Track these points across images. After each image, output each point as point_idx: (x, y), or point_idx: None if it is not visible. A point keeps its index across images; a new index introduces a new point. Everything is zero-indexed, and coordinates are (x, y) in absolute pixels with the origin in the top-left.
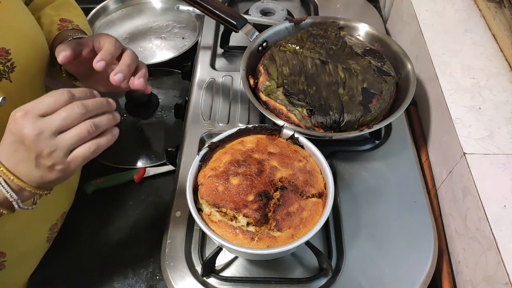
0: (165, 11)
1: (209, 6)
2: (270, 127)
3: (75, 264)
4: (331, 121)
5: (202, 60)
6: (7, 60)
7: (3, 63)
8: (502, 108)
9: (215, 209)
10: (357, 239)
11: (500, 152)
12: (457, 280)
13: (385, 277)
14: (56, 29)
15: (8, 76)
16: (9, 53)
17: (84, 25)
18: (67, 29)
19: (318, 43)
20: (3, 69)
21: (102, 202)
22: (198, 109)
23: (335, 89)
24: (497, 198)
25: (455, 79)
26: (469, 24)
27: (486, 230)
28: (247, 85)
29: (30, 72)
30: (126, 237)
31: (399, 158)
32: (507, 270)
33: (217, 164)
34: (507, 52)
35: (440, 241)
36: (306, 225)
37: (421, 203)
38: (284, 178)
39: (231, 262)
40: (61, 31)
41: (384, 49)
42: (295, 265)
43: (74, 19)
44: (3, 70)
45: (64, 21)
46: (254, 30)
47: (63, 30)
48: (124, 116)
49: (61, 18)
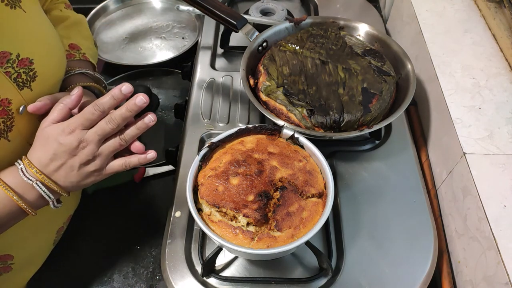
0: (165, 11)
1: (209, 6)
2: (270, 127)
3: (75, 264)
4: (331, 121)
5: (202, 60)
6: (30, 69)
7: (26, 73)
8: (502, 108)
9: (215, 209)
10: (357, 239)
11: (500, 152)
12: (457, 280)
13: (385, 277)
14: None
15: (29, 85)
16: (33, 63)
17: (90, 50)
18: (74, 59)
19: (318, 43)
20: (26, 78)
21: (102, 202)
22: (198, 109)
23: (335, 89)
24: (497, 198)
25: (455, 79)
26: (469, 24)
27: (486, 230)
28: (247, 85)
29: (50, 82)
30: (126, 237)
31: (399, 158)
32: (507, 270)
33: (217, 164)
34: (507, 52)
35: (440, 241)
36: (306, 225)
37: (421, 203)
38: (284, 178)
39: (231, 262)
40: (68, 60)
41: (384, 49)
42: (295, 265)
43: (83, 43)
44: (25, 79)
45: (73, 48)
46: (254, 30)
47: (70, 60)
48: None
49: (71, 43)
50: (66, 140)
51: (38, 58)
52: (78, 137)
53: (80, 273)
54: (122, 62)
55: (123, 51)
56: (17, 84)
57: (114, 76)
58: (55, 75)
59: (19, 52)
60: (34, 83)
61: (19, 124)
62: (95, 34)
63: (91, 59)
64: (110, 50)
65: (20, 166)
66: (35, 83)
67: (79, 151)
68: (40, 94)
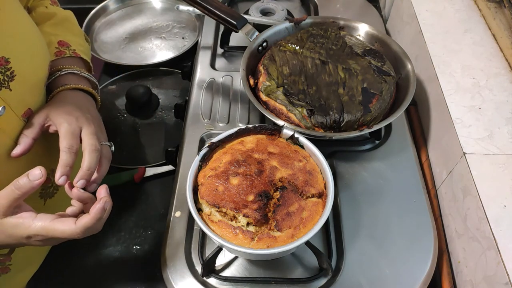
0: (165, 11)
1: (209, 6)
2: (270, 127)
3: (74, 264)
4: (331, 121)
5: (202, 60)
6: (6, 69)
7: (3, 72)
8: (502, 108)
9: (215, 209)
10: (357, 239)
11: (500, 152)
12: (457, 280)
13: (385, 277)
14: (53, 53)
15: (7, 85)
16: (9, 62)
17: (81, 46)
18: (64, 56)
19: (318, 43)
20: (3, 78)
21: None
22: (198, 109)
23: (335, 89)
24: (497, 198)
25: (455, 79)
26: (469, 24)
27: (486, 230)
28: (247, 85)
29: (30, 81)
30: (126, 237)
31: (399, 158)
32: (507, 270)
33: (217, 164)
34: (507, 52)
35: (440, 241)
36: (306, 225)
37: (421, 203)
38: (284, 178)
39: (231, 262)
40: (58, 58)
41: (384, 49)
42: (295, 265)
43: (73, 40)
44: (2, 79)
45: (62, 45)
46: (254, 30)
47: (60, 57)
48: (124, 116)
49: (60, 40)
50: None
51: (16, 57)
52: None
53: (80, 274)
54: (122, 62)
55: (123, 51)
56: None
57: (114, 76)
58: (36, 74)
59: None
60: (12, 82)
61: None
62: (95, 34)
63: (82, 55)
64: (110, 50)
65: None
66: (14, 83)
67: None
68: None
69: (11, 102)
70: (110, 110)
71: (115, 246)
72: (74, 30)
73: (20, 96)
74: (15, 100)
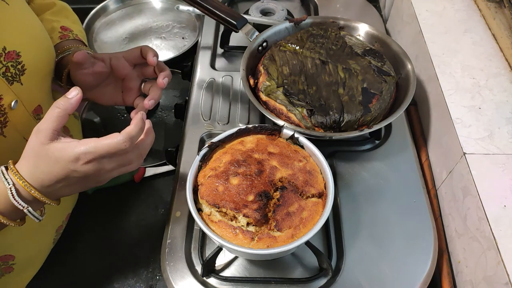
0: (165, 11)
1: (209, 6)
2: (270, 127)
3: (75, 264)
4: (331, 121)
5: (202, 60)
6: (18, 63)
7: (15, 66)
8: (502, 108)
9: (215, 209)
10: (357, 239)
11: (500, 152)
12: (457, 280)
13: (385, 277)
14: (57, 37)
15: (19, 79)
16: (20, 56)
17: (81, 33)
18: (68, 39)
19: (318, 43)
20: (15, 72)
21: (102, 202)
22: (198, 109)
23: (335, 89)
24: (497, 198)
25: (455, 79)
26: (469, 24)
27: (486, 230)
28: (247, 85)
29: (39, 75)
30: (126, 237)
31: (399, 158)
32: (507, 270)
33: (217, 164)
34: (507, 52)
35: (440, 241)
36: (306, 225)
37: (421, 203)
38: (284, 178)
39: (231, 262)
40: (63, 40)
41: (384, 49)
42: (295, 265)
43: (73, 27)
44: (14, 73)
45: (65, 30)
46: (254, 30)
47: (64, 40)
48: (124, 116)
49: (62, 25)
50: (83, 169)
51: (25, 50)
52: (96, 167)
53: (80, 274)
54: None
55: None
56: (6, 79)
57: None
58: (44, 67)
59: (5, 45)
60: (23, 76)
61: (13, 119)
62: (95, 34)
63: (84, 41)
64: (110, 50)
65: (9, 186)
66: (24, 77)
67: (93, 176)
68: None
69: (23, 96)
70: (110, 110)
71: (115, 246)
72: (73, 18)
73: (30, 91)
74: (26, 94)
